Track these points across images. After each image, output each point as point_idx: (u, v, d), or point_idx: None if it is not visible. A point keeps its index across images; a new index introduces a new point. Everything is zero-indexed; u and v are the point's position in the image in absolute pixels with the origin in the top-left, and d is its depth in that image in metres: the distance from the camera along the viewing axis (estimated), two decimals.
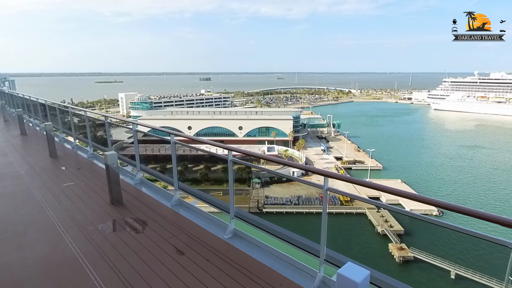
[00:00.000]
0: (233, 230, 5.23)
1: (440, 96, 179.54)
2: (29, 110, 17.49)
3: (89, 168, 9.45)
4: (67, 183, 7.96)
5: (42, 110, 15.10)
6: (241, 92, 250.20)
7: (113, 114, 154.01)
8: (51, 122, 13.60)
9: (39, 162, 10.07)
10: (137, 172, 7.95)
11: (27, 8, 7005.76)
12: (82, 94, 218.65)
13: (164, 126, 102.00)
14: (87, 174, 8.78)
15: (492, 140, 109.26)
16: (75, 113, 12.06)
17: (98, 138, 10.30)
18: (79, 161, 10.23)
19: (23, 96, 18.10)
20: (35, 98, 15.78)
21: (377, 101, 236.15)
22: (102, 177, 7.96)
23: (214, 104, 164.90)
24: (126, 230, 5.57)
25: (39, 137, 14.22)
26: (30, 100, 16.86)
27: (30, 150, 12.08)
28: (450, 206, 2.75)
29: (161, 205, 6.57)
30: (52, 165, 9.82)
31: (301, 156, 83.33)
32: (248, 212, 5.14)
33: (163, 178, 7.16)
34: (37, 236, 5.46)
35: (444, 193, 65.00)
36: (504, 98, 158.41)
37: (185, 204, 6.51)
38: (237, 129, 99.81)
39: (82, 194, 7.29)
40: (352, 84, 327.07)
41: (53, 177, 8.57)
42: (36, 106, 15.99)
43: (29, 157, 10.79)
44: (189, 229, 5.50)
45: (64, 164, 9.79)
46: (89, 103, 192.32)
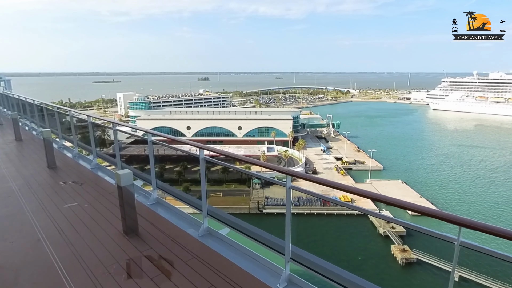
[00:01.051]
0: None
1: (439, 96, 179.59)
2: (25, 112, 16.31)
3: (94, 182, 8.18)
4: (68, 204, 6.77)
5: (39, 112, 13.96)
6: (239, 92, 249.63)
7: (111, 114, 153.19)
8: (49, 127, 12.39)
9: (36, 175, 8.85)
10: (153, 190, 6.66)
11: (25, 7, 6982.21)
12: (80, 94, 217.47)
13: (163, 126, 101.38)
14: (91, 191, 7.54)
15: (491, 140, 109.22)
16: (77, 117, 10.82)
17: (102, 145, 9.31)
18: (81, 173, 8.98)
19: (19, 98, 16.83)
20: (32, 100, 14.59)
21: (376, 101, 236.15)
22: (109, 194, 7.11)
23: (213, 104, 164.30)
24: (147, 275, 4.32)
25: (36, 143, 12.92)
26: (26, 102, 15.68)
27: (25, 159, 10.80)
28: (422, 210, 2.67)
29: (187, 236, 5.28)
30: (50, 178, 8.59)
31: (301, 157, 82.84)
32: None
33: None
34: (32, 286, 4.17)
35: (444, 193, 64.65)
36: (503, 98, 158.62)
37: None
38: (236, 129, 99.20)
39: (88, 219, 6.03)
40: (350, 84, 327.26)
41: (52, 195, 7.34)
42: (32, 108, 14.85)
43: (24, 168, 9.57)
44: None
45: (65, 178, 8.59)
46: (87, 103, 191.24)
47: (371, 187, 66.16)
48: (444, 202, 60.41)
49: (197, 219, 5.82)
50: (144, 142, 6.64)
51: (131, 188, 5.21)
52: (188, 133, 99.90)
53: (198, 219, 5.79)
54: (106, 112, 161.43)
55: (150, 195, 6.80)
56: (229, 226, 5.02)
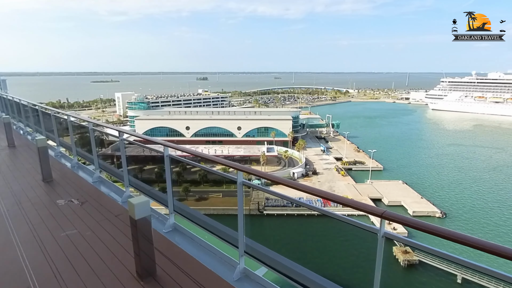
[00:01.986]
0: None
1: (438, 96, 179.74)
2: (19, 115, 14.94)
3: (97, 201, 6.86)
4: (67, 231, 5.52)
5: (35, 115, 12.61)
6: (238, 92, 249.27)
7: (110, 114, 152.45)
8: (45, 133, 11.32)
9: (29, 190, 7.56)
10: (170, 214, 5.46)
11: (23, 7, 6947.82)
12: (78, 94, 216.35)
13: (162, 126, 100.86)
14: (94, 213, 6.24)
15: (491, 141, 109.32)
16: (77, 123, 9.33)
17: (108, 157, 8.05)
18: (82, 188, 7.66)
19: (13, 99, 15.37)
20: (26, 102, 13.38)
21: (375, 101, 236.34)
22: (116, 217, 5.95)
23: (212, 104, 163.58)
24: None
25: (30, 150, 11.53)
26: (20, 104, 14.30)
27: (17, 170, 9.36)
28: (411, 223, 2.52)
29: (220, 280, 4.31)
30: (46, 195, 7.29)
31: (301, 157, 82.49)
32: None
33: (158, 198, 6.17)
34: None
35: (445, 194, 64.41)
36: (501, 98, 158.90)
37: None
38: (235, 129, 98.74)
39: (91, 255, 4.82)
40: (349, 84, 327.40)
41: (47, 219, 6.03)
42: (27, 111, 13.51)
43: (15, 181, 8.25)
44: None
45: (62, 194, 7.31)
46: (85, 103, 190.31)
47: (372, 187, 65.91)
48: (445, 202, 60.16)
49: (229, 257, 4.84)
50: (155, 159, 5.87)
51: (148, 219, 4.08)
52: (187, 133, 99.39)
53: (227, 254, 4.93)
54: (104, 112, 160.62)
55: (167, 220, 5.56)
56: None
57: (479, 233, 49.68)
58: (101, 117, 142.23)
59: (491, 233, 49.87)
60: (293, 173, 72.49)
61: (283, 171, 74.72)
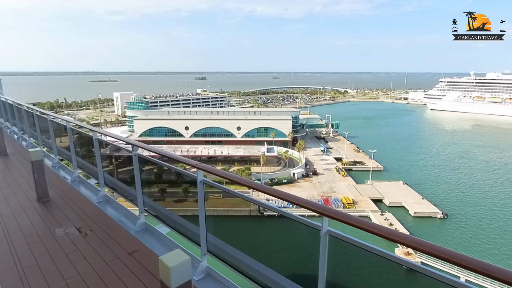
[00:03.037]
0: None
1: (436, 96, 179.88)
2: (13, 118, 13.42)
3: (103, 229, 5.49)
4: (67, 278, 4.24)
5: (30, 119, 11.04)
6: (237, 92, 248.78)
7: (108, 114, 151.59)
8: (41, 139, 10.02)
9: (20, 215, 6.14)
10: (203, 255, 4.30)
11: (20, 6, 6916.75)
12: (76, 94, 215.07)
13: (161, 126, 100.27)
14: (101, 248, 4.89)
15: (490, 141, 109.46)
16: (77, 132, 7.89)
17: (120, 173, 6.67)
18: (84, 211, 6.24)
19: (6, 101, 13.89)
20: (20, 104, 11.95)
21: (374, 101, 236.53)
22: (127, 256, 4.68)
23: (211, 104, 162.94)
24: None
25: (24, 159, 9.82)
26: (14, 106, 12.85)
27: (7, 186, 7.75)
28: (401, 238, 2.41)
29: None
30: (41, 222, 5.83)
31: (301, 157, 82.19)
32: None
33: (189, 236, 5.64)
34: None
35: (446, 194, 64.24)
36: (500, 98, 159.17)
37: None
38: (235, 129, 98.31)
39: None
40: (348, 84, 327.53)
41: (43, 260, 4.68)
42: (21, 114, 11.99)
43: (4, 201, 6.80)
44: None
45: (61, 220, 5.84)
46: (83, 103, 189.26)
47: (372, 188, 65.70)
48: (446, 203, 59.95)
49: None
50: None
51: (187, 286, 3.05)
52: (186, 134, 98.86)
53: None
54: (102, 112, 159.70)
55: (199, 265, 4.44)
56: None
57: (481, 236, 49.53)
58: (99, 117, 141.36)
59: (493, 235, 49.68)
60: (293, 174, 72.18)
61: (283, 172, 74.40)
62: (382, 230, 2.41)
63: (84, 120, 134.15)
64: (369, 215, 55.02)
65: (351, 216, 2.65)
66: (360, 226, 2.49)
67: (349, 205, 58.00)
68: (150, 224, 5.41)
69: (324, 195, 62.73)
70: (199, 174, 3.95)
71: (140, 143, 5.33)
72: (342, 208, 57.46)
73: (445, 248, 2.14)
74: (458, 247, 45.83)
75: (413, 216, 54.87)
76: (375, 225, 2.51)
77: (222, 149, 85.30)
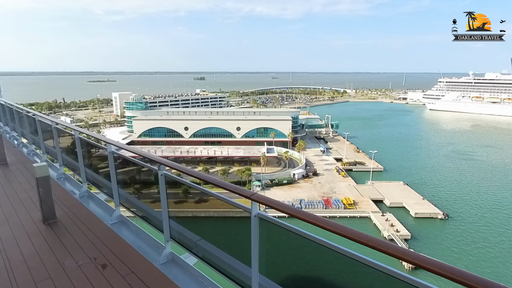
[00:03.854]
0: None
1: (435, 96, 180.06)
2: (13, 122, 12.30)
3: (122, 261, 4.54)
4: None
5: (31, 124, 10.00)
6: (236, 92, 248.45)
7: (107, 114, 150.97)
8: (44, 148, 9.10)
9: (23, 241, 5.28)
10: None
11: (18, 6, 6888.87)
12: (74, 94, 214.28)
13: (160, 127, 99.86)
14: (122, 284, 4.04)
15: (490, 141, 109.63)
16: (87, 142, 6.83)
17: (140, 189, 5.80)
18: (98, 236, 5.27)
19: (5, 104, 12.86)
20: (20, 108, 10.96)
21: (373, 101, 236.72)
22: None
23: (210, 104, 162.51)
24: None
25: (26, 169, 8.85)
26: (14, 110, 11.81)
27: (7, 203, 6.78)
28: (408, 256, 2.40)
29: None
30: (48, 252, 4.92)
31: (301, 158, 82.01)
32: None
33: None
34: None
35: (447, 194, 64.19)
36: (498, 99, 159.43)
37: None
38: (235, 129, 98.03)
39: None
40: (347, 84, 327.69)
41: None
42: (22, 118, 10.85)
43: (5, 223, 5.92)
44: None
45: (71, 248, 4.97)
46: (81, 103, 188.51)
47: (373, 188, 65.58)
48: (447, 203, 59.85)
49: None
50: None
51: None
52: (185, 134, 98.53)
53: None
54: (101, 112, 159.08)
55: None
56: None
57: (483, 237, 49.42)
58: (98, 117, 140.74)
59: (496, 236, 49.59)
60: (293, 174, 71.97)
61: (284, 172, 74.17)
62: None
63: (83, 120, 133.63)
64: (370, 215, 54.88)
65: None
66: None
67: (349, 205, 57.79)
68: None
69: (325, 195, 62.50)
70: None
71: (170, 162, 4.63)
72: (343, 209, 57.32)
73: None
74: (460, 249, 45.76)
75: (414, 217, 54.74)
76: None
77: (222, 150, 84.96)
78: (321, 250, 2.63)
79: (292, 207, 2.82)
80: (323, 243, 2.56)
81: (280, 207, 2.75)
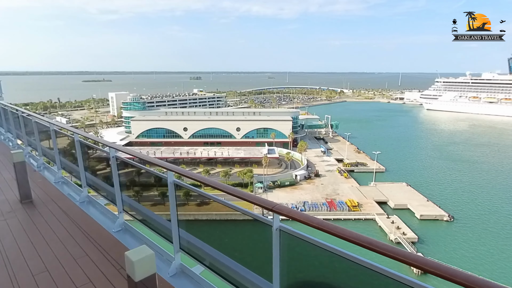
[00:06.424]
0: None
1: (432, 96, 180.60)
2: (7, 122, 12.82)
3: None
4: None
5: (16, 120, 10.56)
6: (233, 92, 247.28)
7: (103, 114, 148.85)
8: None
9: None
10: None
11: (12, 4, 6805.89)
12: (69, 94, 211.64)
13: (159, 127, 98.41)
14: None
15: (489, 141, 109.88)
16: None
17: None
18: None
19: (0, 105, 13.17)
20: (3, 105, 11.56)
21: (370, 101, 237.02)
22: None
23: (208, 104, 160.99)
24: None
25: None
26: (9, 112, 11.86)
27: None
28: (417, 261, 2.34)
29: None
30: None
31: (302, 159, 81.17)
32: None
33: None
34: None
35: (450, 196, 63.75)
36: (495, 99, 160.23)
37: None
38: (234, 130, 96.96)
39: None
40: (343, 84, 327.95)
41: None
42: (7, 115, 11.64)
43: None
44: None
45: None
46: (77, 103, 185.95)
47: (376, 190, 64.94)
48: (452, 205, 59.37)
49: None
50: None
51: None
52: (185, 135, 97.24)
53: None
54: (97, 113, 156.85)
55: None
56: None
57: (491, 239, 48.92)
58: (95, 117, 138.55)
59: (503, 239, 49.11)
60: (295, 176, 71.08)
61: (285, 174, 73.25)
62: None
63: (79, 120, 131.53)
64: (375, 218, 54.17)
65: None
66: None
67: (354, 208, 57.01)
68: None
69: (328, 197, 61.70)
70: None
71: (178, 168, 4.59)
72: (347, 211, 56.57)
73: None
74: (468, 252, 45.20)
75: (419, 219, 54.11)
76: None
77: (222, 151, 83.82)
78: (353, 268, 2.38)
79: (318, 219, 2.54)
80: (356, 260, 2.32)
81: (305, 220, 2.54)
